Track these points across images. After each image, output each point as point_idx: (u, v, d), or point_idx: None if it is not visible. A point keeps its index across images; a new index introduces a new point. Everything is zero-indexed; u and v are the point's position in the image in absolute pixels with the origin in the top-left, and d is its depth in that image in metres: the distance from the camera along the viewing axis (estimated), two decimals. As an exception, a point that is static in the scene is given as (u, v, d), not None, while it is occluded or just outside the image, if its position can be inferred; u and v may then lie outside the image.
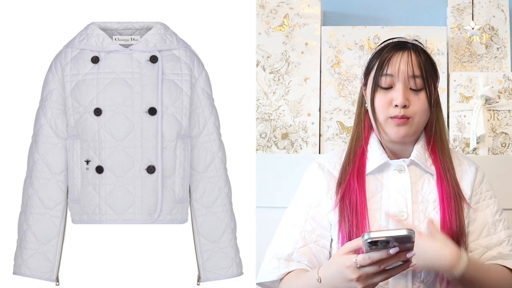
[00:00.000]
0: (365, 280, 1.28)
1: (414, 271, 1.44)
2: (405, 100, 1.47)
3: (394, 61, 1.48)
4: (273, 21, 2.18)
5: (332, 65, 2.15)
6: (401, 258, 1.25)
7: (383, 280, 1.29)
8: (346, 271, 1.28)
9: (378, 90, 1.50)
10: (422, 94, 1.48)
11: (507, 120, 2.08)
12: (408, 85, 1.48)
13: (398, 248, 1.20)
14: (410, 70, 1.47)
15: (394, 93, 1.48)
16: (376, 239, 1.18)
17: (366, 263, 1.25)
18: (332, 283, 1.34)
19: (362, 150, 1.53)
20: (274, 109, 2.15)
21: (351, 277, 1.28)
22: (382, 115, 1.49)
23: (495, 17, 2.16)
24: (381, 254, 1.21)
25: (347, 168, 1.52)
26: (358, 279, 1.28)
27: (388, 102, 1.48)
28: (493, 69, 2.15)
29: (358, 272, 1.27)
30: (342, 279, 1.30)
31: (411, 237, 1.18)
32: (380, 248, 1.20)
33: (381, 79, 1.49)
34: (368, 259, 1.24)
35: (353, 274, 1.27)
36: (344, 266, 1.29)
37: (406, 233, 1.18)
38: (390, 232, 1.18)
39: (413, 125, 1.49)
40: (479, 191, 1.54)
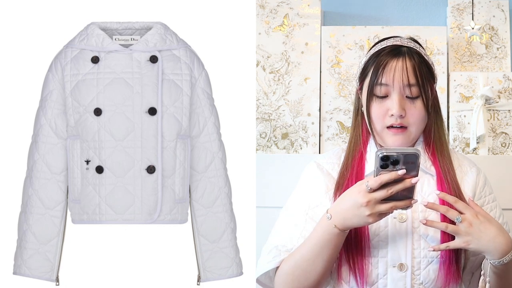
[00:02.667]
0: (373, 206, 1.32)
1: (413, 273, 1.45)
2: (401, 110, 1.46)
3: (388, 69, 1.46)
4: (273, 21, 2.18)
5: (332, 65, 2.15)
6: (406, 184, 1.31)
7: (388, 210, 1.33)
8: (357, 196, 1.33)
9: (374, 99, 1.48)
10: (419, 102, 1.47)
11: (507, 120, 2.08)
12: (403, 93, 1.46)
13: (405, 170, 1.30)
14: (405, 79, 1.45)
15: (389, 102, 1.47)
16: (389, 153, 1.31)
17: (376, 184, 1.30)
18: (343, 214, 1.37)
19: (360, 154, 1.53)
20: (274, 109, 2.15)
21: (361, 202, 1.32)
22: (379, 124, 1.49)
23: (495, 17, 2.16)
24: (391, 175, 1.31)
25: (345, 173, 1.52)
26: (367, 204, 1.32)
27: (384, 111, 1.47)
28: (493, 69, 2.15)
29: (368, 196, 1.32)
30: (353, 205, 1.34)
31: (417, 157, 1.30)
32: (390, 170, 1.31)
33: (376, 89, 1.47)
34: (379, 179, 1.30)
35: (364, 198, 1.32)
36: (357, 191, 1.34)
37: (414, 151, 1.31)
38: (401, 149, 1.32)
39: (411, 134, 1.48)
40: (482, 194, 1.54)
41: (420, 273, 1.45)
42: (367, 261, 1.45)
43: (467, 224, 1.39)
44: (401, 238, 1.45)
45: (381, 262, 1.46)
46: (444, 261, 1.45)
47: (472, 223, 1.39)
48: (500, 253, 1.38)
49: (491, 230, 1.39)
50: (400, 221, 1.46)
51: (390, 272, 1.45)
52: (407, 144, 1.49)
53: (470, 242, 1.39)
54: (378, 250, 1.45)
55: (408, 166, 1.31)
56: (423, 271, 1.46)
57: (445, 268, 1.45)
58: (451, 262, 1.45)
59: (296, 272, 1.46)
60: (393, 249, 1.45)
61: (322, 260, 1.42)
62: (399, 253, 1.45)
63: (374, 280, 1.46)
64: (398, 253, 1.45)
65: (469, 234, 1.39)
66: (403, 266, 1.45)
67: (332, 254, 1.42)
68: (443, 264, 1.45)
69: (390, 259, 1.45)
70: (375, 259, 1.46)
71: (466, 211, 1.40)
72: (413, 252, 1.45)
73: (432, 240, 1.46)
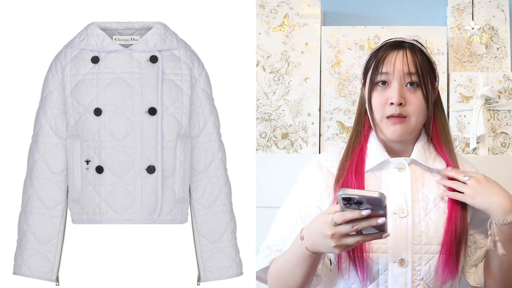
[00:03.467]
0: (339, 238, 1.32)
1: (414, 269, 1.45)
2: (401, 98, 1.47)
3: (389, 59, 1.49)
4: (273, 21, 2.18)
5: (332, 65, 2.15)
6: (372, 222, 1.29)
7: (355, 243, 1.33)
8: (323, 227, 1.33)
9: (375, 89, 1.51)
10: (419, 92, 1.49)
11: (507, 120, 2.08)
12: (403, 82, 1.48)
13: (370, 211, 1.27)
14: (405, 68, 1.48)
15: (390, 91, 1.49)
16: (349, 195, 1.26)
17: (340, 220, 1.30)
18: (312, 239, 1.37)
19: (361, 147, 1.54)
20: (274, 109, 2.15)
21: (327, 233, 1.32)
22: (379, 114, 1.50)
23: (495, 17, 2.16)
24: (354, 213, 1.28)
25: (345, 164, 1.53)
26: (332, 236, 1.32)
27: (384, 100, 1.49)
28: (493, 69, 2.15)
29: (333, 230, 1.31)
30: (319, 234, 1.34)
31: (381, 201, 1.25)
32: (354, 208, 1.28)
33: (376, 78, 1.50)
34: (342, 216, 1.29)
35: (329, 230, 1.32)
36: (322, 222, 1.33)
37: (378, 195, 1.25)
38: (363, 192, 1.26)
39: (410, 124, 1.49)
40: None
41: (421, 269, 1.46)
42: (367, 256, 1.46)
43: (475, 181, 1.47)
44: (401, 233, 1.46)
45: (381, 258, 1.46)
46: (444, 256, 1.45)
47: (480, 180, 1.47)
48: (504, 210, 1.42)
49: (496, 188, 1.46)
50: (400, 217, 1.47)
51: (391, 267, 1.46)
52: (406, 134, 1.50)
53: (476, 197, 1.45)
54: (379, 245, 1.46)
55: (374, 207, 1.27)
56: (424, 266, 1.46)
57: (443, 263, 1.45)
58: (451, 257, 1.46)
59: (279, 277, 1.49)
60: (393, 244, 1.46)
61: (300, 274, 1.44)
62: (400, 248, 1.45)
63: (375, 276, 1.46)
64: (398, 248, 1.45)
65: (475, 190, 1.45)
66: (403, 262, 1.46)
67: (309, 270, 1.43)
68: (442, 259, 1.45)
69: (390, 254, 1.46)
70: (375, 254, 1.46)
71: (474, 174, 1.49)
72: (414, 247, 1.46)
73: (434, 235, 1.46)
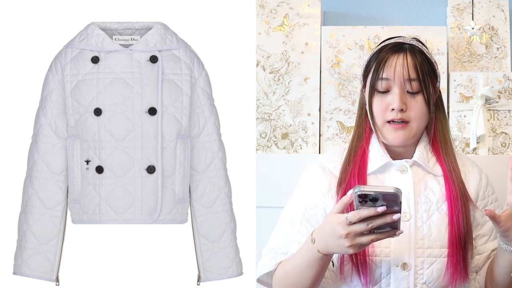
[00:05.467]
0: (353, 238, 1.31)
1: (416, 273, 1.45)
2: (402, 104, 1.46)
3: (389, 64, 1.48)
4: (273, 21, 2.18)
5: (332, 65, 2.15)
6: (387, 219, 1.28)
7: (369, 242, 1.31)
8: (337, 227, 1.31)
9: (375, 94, 1.49)
10: (420, 97, 1.48)
11: (507, 120, 2.08)
12: (404, 88, 1.47)
13: (386, 207, 1.27)
14: (406, 73, 1.46)
15: (390, 97, 1.48)
16: (366, 192, 1.26)
17: (356, 219, 1.29)
18: (324, 241, 1.36)
19: (363, 150, 1.53)
20: (274, 109, 2.15)
21: (341, 233, 1.31)
22: (380, 119, 1.49)
23: (495, 17, 2.16)
24: (369, 211, 1.27)
25: (347, 167, 1.52)
26: (347, 236, 1.30)
27: (385, 106, 1.48)
28: (493, 69, 2.14)
29: (348, 229, 1.30)
30: (333, 235, 1.33)
31: (398, 196, 1.26)
32: (369, 206, 1.28)
33: (377, 83, 1.49)
34: (357, 214, 1.28)
35: (343, 230, 1.30)
36: (336, 222, 1.32)
37: (394, 191, 1.25)
38: (380, 188, 1.27)
39: (412, 130, 1.48)
40: (486, 194, 1.55)
41: (423, 273, 1.45)
42: (370, 260, 1.45)
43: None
44: (404, 237, 1.45)
45: (384, 262, 1.45)
46: (452, 259, 1.45)
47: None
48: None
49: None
50: (403, 220, 1.46)
51: (393, 271, 1.45)
52: (409, 139, 1.49)
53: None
54: (381, 249, 1.45)
55: (389, 203, 1.27)
56: (427, 270, 1.45)
57: (452, 267, 1.45)
58: (458, 261, 1.45)
59: (287, 281, 1.47)
60: (396, 248, 1.45)
61: (309, 277, 1.43)
62: (402, 252, 1.45)
63: (377, 280, 1.46)
64: (401, 252, 1.45)
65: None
66: (406, 266, 1.45)
67: (318, 273, 1.42)
68: (450, 263, 1.45)
69: (393, 258, 1.45)
70: (378, 258, 1.46)
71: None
72: (416, 251, 1.45)
73: (436, 239, 1.46)
